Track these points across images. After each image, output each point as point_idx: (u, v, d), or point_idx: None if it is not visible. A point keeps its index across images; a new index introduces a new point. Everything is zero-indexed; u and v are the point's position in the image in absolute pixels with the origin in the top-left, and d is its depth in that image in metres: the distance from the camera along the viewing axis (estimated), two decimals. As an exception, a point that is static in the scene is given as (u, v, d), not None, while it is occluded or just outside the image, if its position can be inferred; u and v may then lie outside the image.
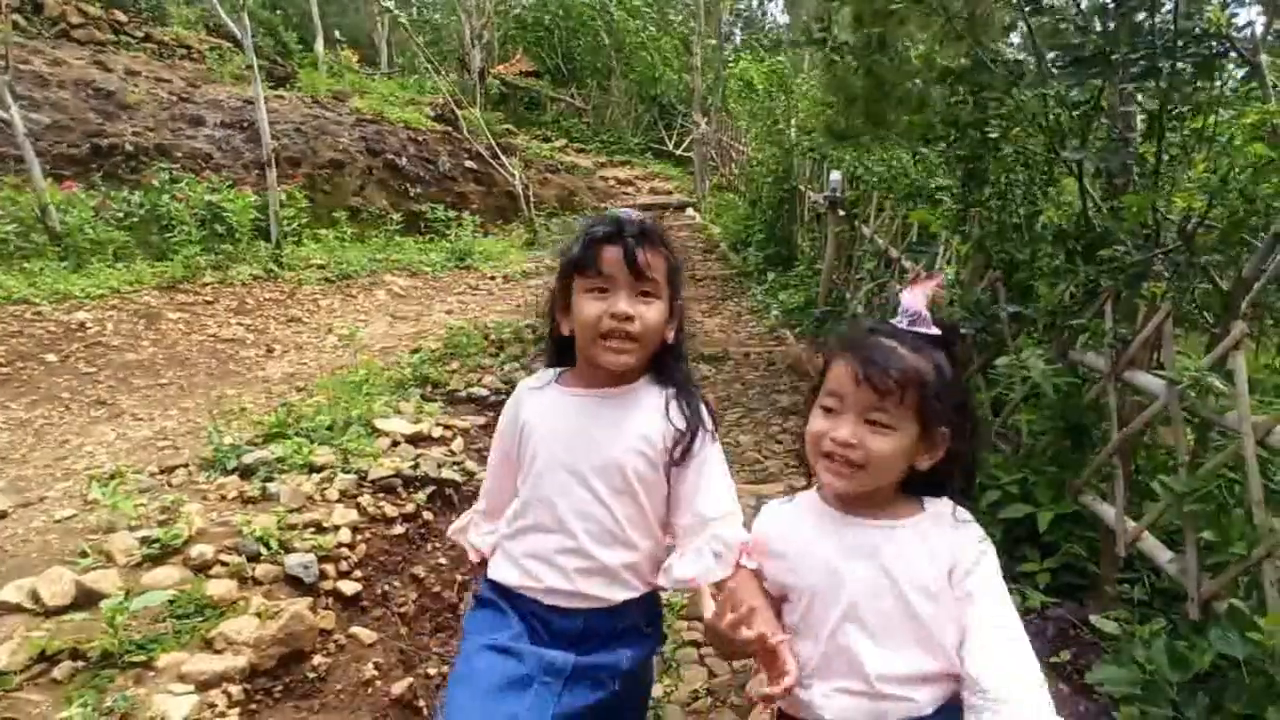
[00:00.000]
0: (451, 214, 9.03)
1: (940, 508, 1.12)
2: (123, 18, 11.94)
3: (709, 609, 1.12)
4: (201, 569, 2.25)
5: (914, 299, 1.09)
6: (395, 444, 3.24)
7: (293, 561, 2.35)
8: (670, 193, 13.61)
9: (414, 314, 5.89)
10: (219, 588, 2.16)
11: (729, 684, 2.43)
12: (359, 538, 2.61)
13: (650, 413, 1.26)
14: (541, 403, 1.32)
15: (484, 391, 4.09)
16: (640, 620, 1.29)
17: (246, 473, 2.89)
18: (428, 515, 2.88)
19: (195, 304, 5.44)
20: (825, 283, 6.75)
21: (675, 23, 18.26)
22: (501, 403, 4.10)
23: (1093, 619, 2.71)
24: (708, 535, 1.22)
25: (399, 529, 2.75)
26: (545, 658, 1.21)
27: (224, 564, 2.28)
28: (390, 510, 2.79)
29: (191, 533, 2.38)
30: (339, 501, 2.75)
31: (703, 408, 1.30)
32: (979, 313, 4.13)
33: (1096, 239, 3.44)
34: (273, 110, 9.77)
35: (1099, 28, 3.53)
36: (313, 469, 2.92)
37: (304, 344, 5.03)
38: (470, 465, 3.21)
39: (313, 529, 2.55)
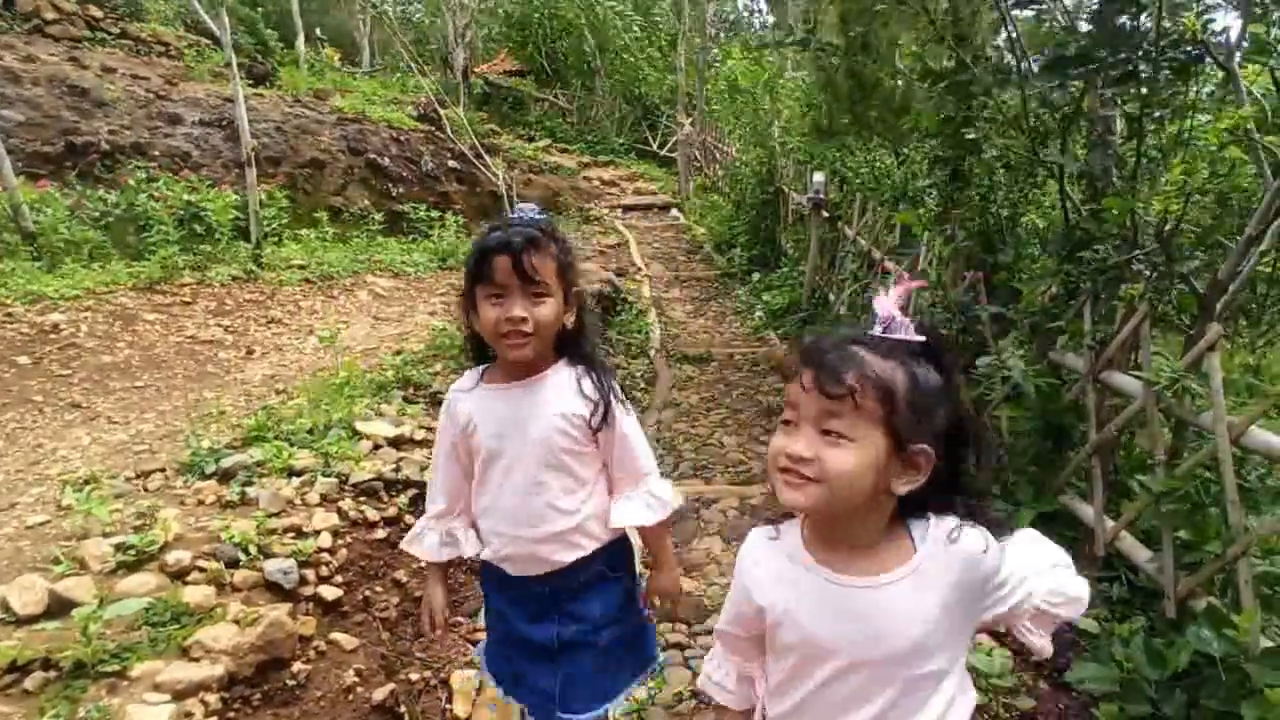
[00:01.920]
0: (434, 214, 8.97)
1: (936, 532, 0.99)
2: (98, 13, 11.75)
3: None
4: (178, 575, 2.22)
5: (885, 304, 0.99)
6: (377, 447, 3.21)
7: (272, 567, 2.32)
8: (654, 193, 13.61)
9: (396, 315, 5.84)
10: (196, 594, 2.13)
11: (713, 686, 2.43)
12: (340, 542, 2.59)
13: (565, 391, 1.44)
14: (473, 402, 1.47)
15: (467, 393, 4.07)
16: (604, 568, 1.52)
17: (225, 477, 2.86)
18: (410, 519, 2.85)
19: (173, 305, 5.37)
20: (809, 284, 6.78)
21: (660, 23, 18.27)
22: None
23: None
24: (642, 489, 1.49)
25: (381, 533, 2.73)
26: (533, 645, 1.50)
27: (202, 570, 2.25)
28: (372, 514, 2.76)
29: (168, 538, 2.35)
30: (319, 506, 2.72)
31: (613, 380, 1.49)
32: (960, 313, 4.17)
33: (1078, 241, 3.48)
34: (253, 109, 9.66)
35: (1083, 29, 3.56)
36: (293, 473, 2.88)
37: (284, 345, 4.97)
38: (453, 468, 3.19)
39: (293, 534, 2.52)
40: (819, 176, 6.44)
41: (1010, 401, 3.57)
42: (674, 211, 12.05)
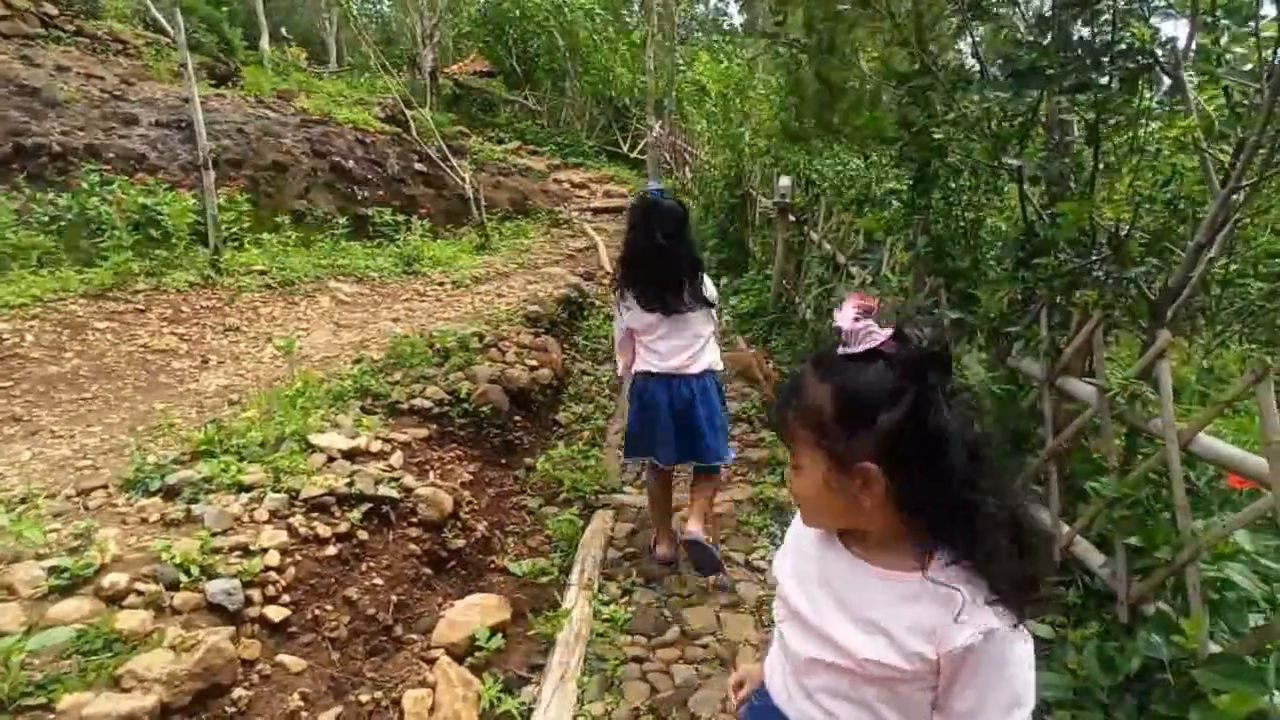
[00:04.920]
0: (400, 218, 8.84)
1: (945, 568, 0.93)
2: (53, 10, 11.42)
3: None
4: (114, 599, 2.13)
5: (841, 319, 0.97)
6: (331, 460, 3.14)
7: (215, 588, 2.24)
8: (625, 196, 13.57)
9: (359, 322, 5.74)
10: (132, 620, 2.05)
11: (670, 700, 2.40)
12: (288, 560, 2.51)
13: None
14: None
15: (427, 403, 3.99)
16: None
17: (170, 493, 2.77)
18: (362, 534, 2.79)
19: (125, 313, 5.21)
20: (776, 287, 6.80)
21: (630, 24, 18.24)
22: (445, 413, 3.98)
23: (1026, 624, 2.76)
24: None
25: (332, 549, 2.66)
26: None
27: (139, 593, 2.16)
28: (323, 530, 2.69)
29: (105, 560, 2.26)
30: (268, 522, 2.64)
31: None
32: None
33: (1037, 247, 3.51)
34: (213, 110, 9.46)
35: (1035, 39, 3.61)
36: (242, 488, 2.80)
37: (241, 354, 4.85)
38: (409, 481, 3.12)
39: (239, 552, 2.45)
40: (785, 180, 6.46)
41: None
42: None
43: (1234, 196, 2.74)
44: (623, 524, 3.60)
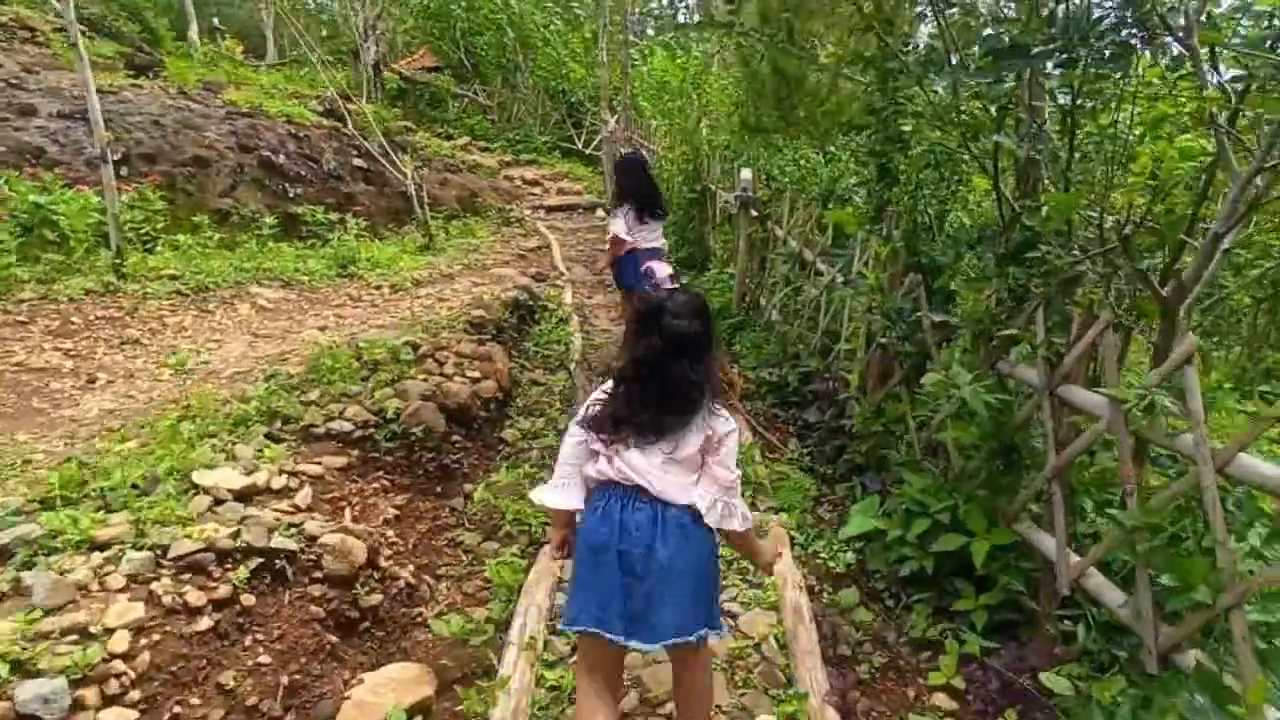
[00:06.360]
0: (334, 216, 8.22)
1: None
2: (-51, -6, 10.45)
3: None
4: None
5: None
6: (218, 503, 2.61)
7: (28, 694, 1.72)
8: (579, 193, 13.08)
9: (280, 331, 5.16)
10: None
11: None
12: (144, 641, 2.00)
13: None
14: None
15: (347, 426, 3.48)
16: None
17: (1, 555, 2.22)
18: (248, 599, 2.28)
19: (3, 325, 4.56)
20: (739, 287, 6.40)
21: (581, 16, 17.73)
22: (369, 437, 3.45)
23: (1041, 677, 2.39)
24: None
25: (205, 622, 2.14)
26: None
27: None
28: (195, 598, 2.17)
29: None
30: (124, 590, 2.12)
31: None
32: (899, 320, 3.83)
33: (1024, 241, 3.16)
34: (127, 101, 8.70)
35: (1009, 16, 3.29)
36: (95, 546, 2.27)
37: (137, 372, 4.25)
38: (313, 526, 2.61)
39: (74, 636, 1.92)
40: (746, 173, 6.07)
41: (956, 419, 3.24)
42: (600, 212, 11.56)
43: (1255, 180, 2.42)
44: (571, 562, 3.15)
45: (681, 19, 23.61)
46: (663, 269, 3.00)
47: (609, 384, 1.93)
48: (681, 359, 1.81)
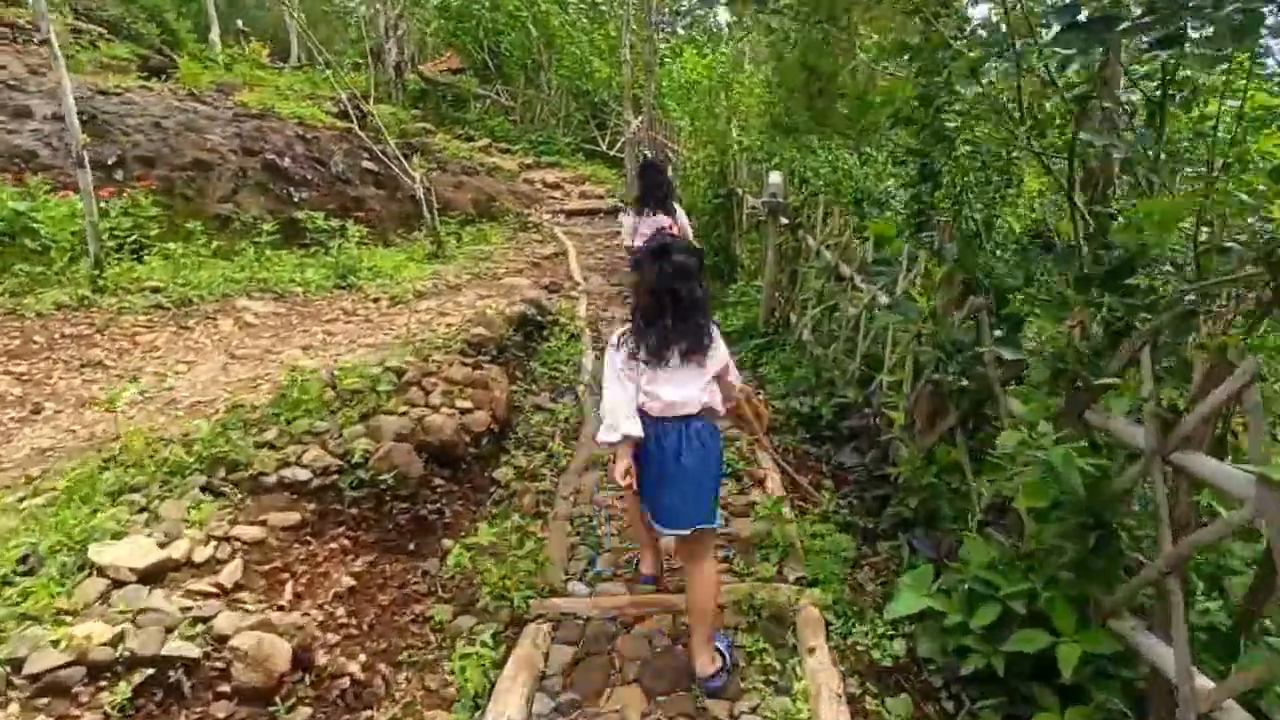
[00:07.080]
0: (335, 223, 7.79)
1: None
2: (-33, -3, 10.31)
3: None
4: None
5: None
6: (116, 586, 2.12)
7: None
8: (602, 197, 12.57)
9: (260, 351, 4.70)
10: None
11: None
12: (-40, 808, 1.50)
13: None
14: None
15: (303, 474, 2.97)
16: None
17: None
18: (124, 730, 1.77)
19: (-45, 345, 4.17)
20: (767, 302, 5.81)
21: (606, 13, 17.24)
22: (331, 485, 2.90)
23: None
24: None
25: (58, 769, 1.64)
26: None
27: None
28: (48, 734, 1.67)
29: None
30: (-46, 726, 1.63)
31: None
32: (956, 352, 3.21)
33: (1122, 262, 2.55)
34: (131, 102, 8.40)
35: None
36: (-65, 657, 1.78)
37: (92, 399, 3.82)
38: (224, 623, 2.08)
39: None
40: (775, 177, 5.47)
41: (1032, 483, 2.63)
42: (621, 217, 11.03)
43: None
44: (562, 647, 2.60)
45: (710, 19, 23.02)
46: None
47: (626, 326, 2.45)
48: (685, 280, 2.34)
